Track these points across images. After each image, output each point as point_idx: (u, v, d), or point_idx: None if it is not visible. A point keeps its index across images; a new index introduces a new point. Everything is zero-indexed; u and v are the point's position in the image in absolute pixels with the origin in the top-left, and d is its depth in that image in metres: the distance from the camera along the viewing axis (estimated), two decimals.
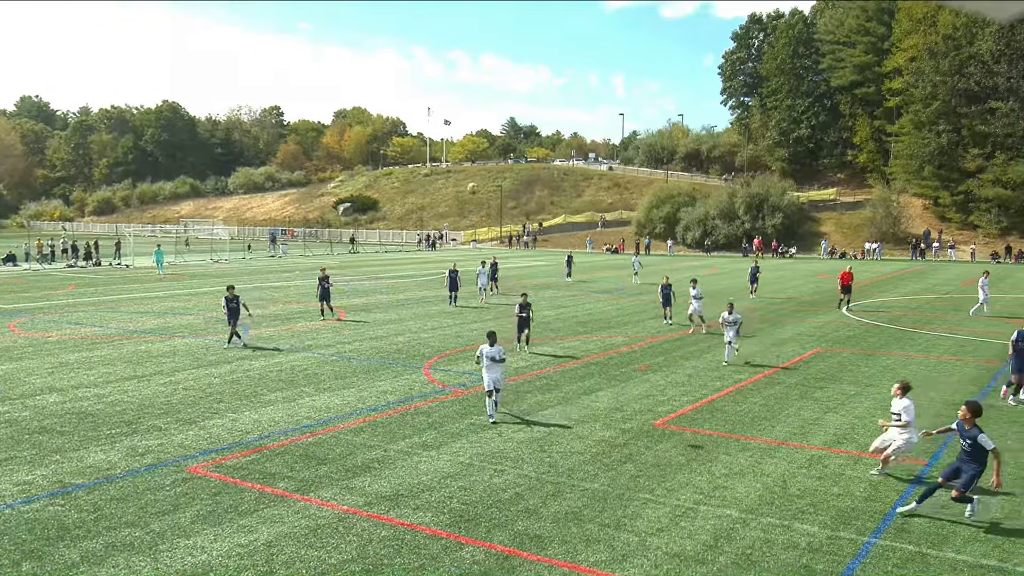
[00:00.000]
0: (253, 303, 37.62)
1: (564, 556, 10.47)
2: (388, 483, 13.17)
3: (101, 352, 24.98)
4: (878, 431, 16.24)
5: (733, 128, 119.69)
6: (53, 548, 10.66)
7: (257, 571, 10.02)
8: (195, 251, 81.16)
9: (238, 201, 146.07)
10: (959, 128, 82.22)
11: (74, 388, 20.03)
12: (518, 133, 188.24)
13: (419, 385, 20.49)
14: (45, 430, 16.23)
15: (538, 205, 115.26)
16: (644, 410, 17.99)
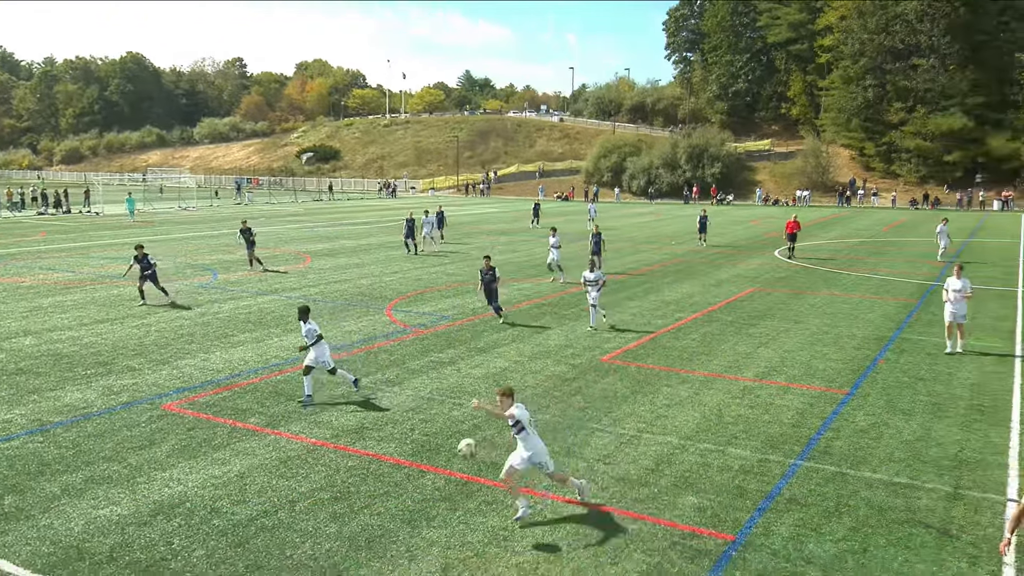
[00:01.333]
0: (221, 248, 37.00)
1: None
2: (354, 417, 13.20)
3: (74, 296, 24.43)
4: (807, 364, 16.70)
5: (676, 82, 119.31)
6: (34, 482, 10.54)
7: (231, 500, 10.03)
8: (164, 199, 79.23)
9: (204, 150, 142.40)
10: (884, 83, 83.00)
11: (48, 331, 19.61)
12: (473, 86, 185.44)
13: (382, 325, 20.45)
14: (22, 371, 15.92)
15: (493, 155, 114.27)
16: (592, 347, 18.19)
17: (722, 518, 9.63)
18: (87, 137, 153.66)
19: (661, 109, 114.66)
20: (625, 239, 43.38)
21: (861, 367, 16.53)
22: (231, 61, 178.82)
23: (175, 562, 8.53)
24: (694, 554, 8.77)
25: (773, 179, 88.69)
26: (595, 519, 9.57)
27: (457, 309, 22.52)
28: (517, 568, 8.44)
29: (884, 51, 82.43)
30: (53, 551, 8.73)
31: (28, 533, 9.13)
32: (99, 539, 9.00)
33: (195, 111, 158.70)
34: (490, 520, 9.52)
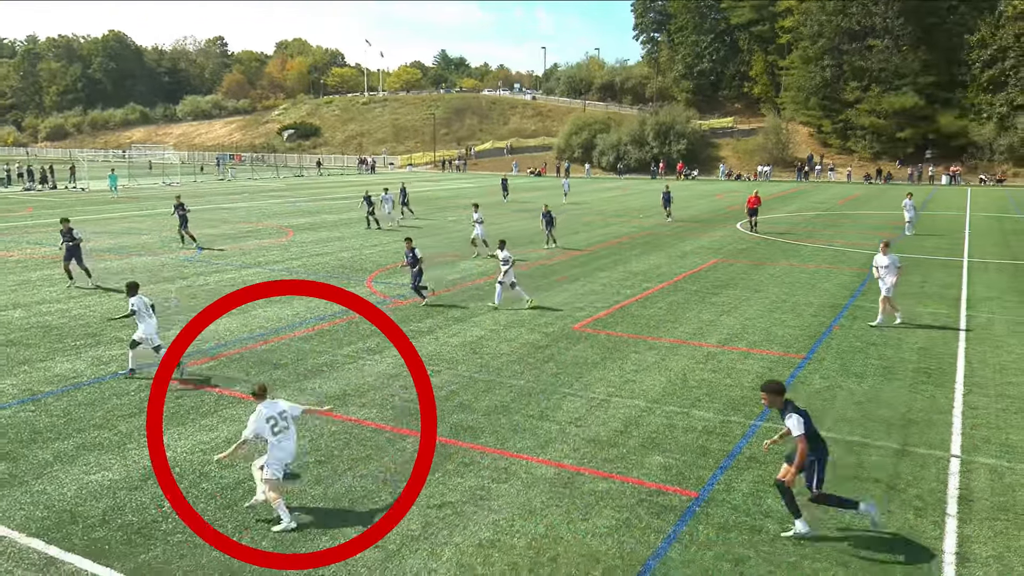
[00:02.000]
0: (206, 223, 36.53)
1: (495, 444, 10.72)
2: (336, 384, 13.19)
3: (61, 270, 24.02)
4: (767, 330, 16.91)
5: (644, 62, 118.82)
6: (27, 449, 10.44)
7: (219, 464, 10.00)
8: (149, 174, 77.88)
9: (187, 127, 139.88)
10: (841, 63, 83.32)
11: (37, 304, 19.31)
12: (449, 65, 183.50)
13: (363, 296, 20.36)
14: (12, 343, 15.68)
15: (468, 132, 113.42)
16: (564, 315, 18.27)
17: (686, 476, 9.78)
18: (71, 114, 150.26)
19: (630, 88, 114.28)
20: (595, 212, 43.42)
21: (817, 333, 16.76)
22: (212, 40, 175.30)
23: (166, 524, 8.51)
24: (660, 510, 8.91)
25: (736, 155, 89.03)
26: (567, 479, 9.68)
27: (435, 280, 22.46)
28: (494, 525, 8.53)
29: (841, 32, 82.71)
30: (47, 515, 8.68)
31: (22, 498, 9.06)
32: (91, 503, 8.96)
33: (177, 89, 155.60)
34: (467, 480, 9.59)
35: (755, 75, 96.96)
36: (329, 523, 8.55)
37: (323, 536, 8.28)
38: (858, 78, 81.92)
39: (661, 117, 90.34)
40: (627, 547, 8.12)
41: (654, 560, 7.90)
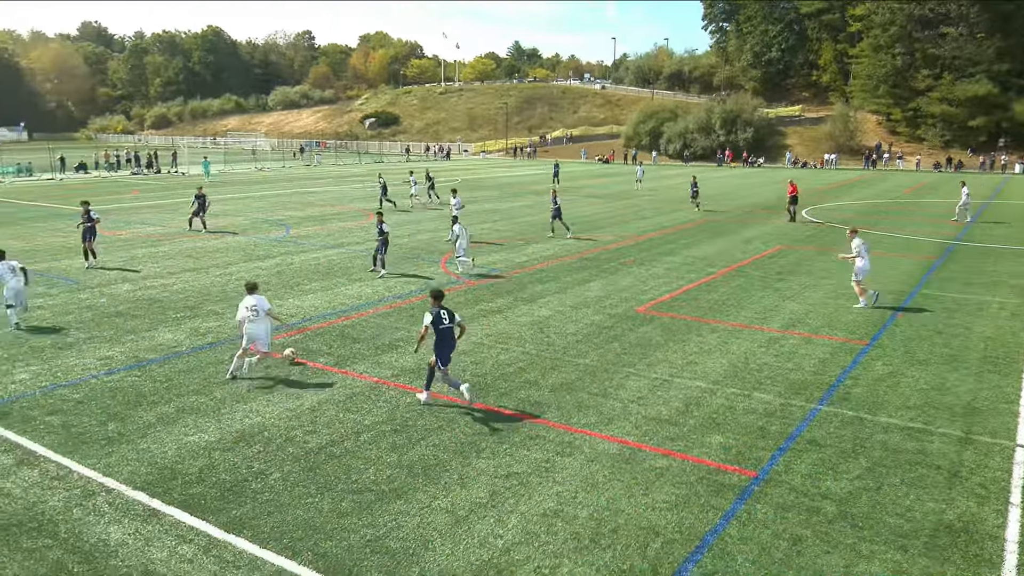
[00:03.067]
0: (293, 206, 37.46)
1: (559, 419, 10.74)
2: (411, 358, 13.39)
3: (164, 248, 25.05)
4: (830, 316, 16.43)
5: (712, 51, 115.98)
6: (133, 411, 10.96)
7: (304, 430, 10.31)
8: (241, 160, 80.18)
9: (277, 116, 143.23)
10: (913, 51, 79.58)
11: (143, 279, 20.17)
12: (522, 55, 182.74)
13: (437, 276, 20.59)
14: (120, 314, 16.44)
15: (539, 120, 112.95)
16: (629, 298, 18.11)
17: (746, 456, 9.62)
18: (173, 104, 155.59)
19: (698, 77, 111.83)
20: (662, 199, 42.80)
21: (881, 320, 16.19)
22: (301, 34, 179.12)
23: (255, 483, 8.83)
24: (719, 488, 8.80)
25: (803, 143, 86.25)
26: (629, 455, 9.64)
27: (506, 262, 22.56)
28: (557, 496, 8.57)
29: (914, 20, 78.94)
30: (150, 471, 9.11)
31: (128, 455, 9.53)
32: (189, 462, 9.36)
33: (269, 80, 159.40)
34: (533, 453, 9.65)
35: (824, 64, 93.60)
36: (403, 489, 8.73)
37: (398, 501, 8.46)
38: (930, 66, 78.17)
39: (728, 106, 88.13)
40: (686, 522, 8.05)
41: (712, 535, 7.81)
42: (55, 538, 7.68)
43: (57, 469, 9.14)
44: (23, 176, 58.20)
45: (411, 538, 7.72)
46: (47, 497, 8.48)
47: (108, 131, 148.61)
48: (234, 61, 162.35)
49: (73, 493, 8.57)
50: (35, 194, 44.27)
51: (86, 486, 8.73)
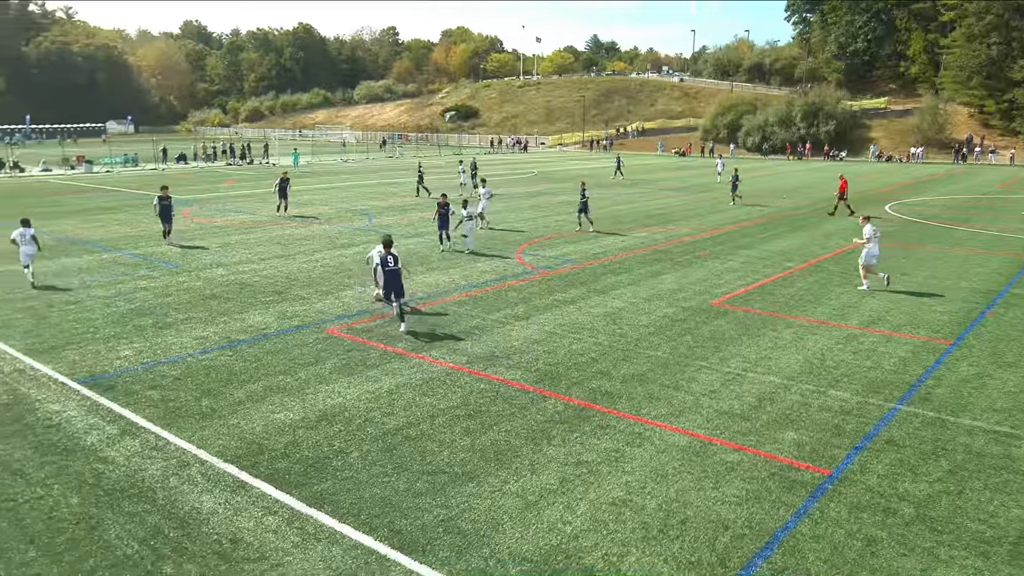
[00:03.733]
0: (376, 196, 38.21)
1: (630, 410, 10.65)
2: (486, 346, 13.51)
3: (255, 235, 25.95)
4: (912, 314, 15.74)
5: (795, 43, 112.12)
6: (224, 388, 11.43)
7: (382, 412, 10.54)
8: (327, 151, 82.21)
9: (362, 110, 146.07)
10: (1009, 40, 74.92)
11: (236, 264, 20.96)
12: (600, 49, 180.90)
13: (512, 267, 20.68)
14: (215, 296, 17.14)
15: (616, 113, 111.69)
16: (703, 291, 17.78)
17: (820, 454, 9.33)
18: (266, 99, 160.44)
19: (779, 69, 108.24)
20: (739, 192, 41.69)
21: (967, 319, 15.41)
22: (386, 30, 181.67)
23: (336, 461, 9.09)
24: (791, 484, 8.57)
25: (888, 136, 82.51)
26: (699, 448, 9.48)
27: (581, 253, 22.46)
28: (626, 486, 8.51)
29: (1011, 8, 74.31)
30: (239, 445, 9.49)
31: (220, 430, 9.94)
32: (276, 438, 9.70)
33: (355, 75, 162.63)
34: (603, 442, 9.60)
35: (912, 54, 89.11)
36: (475, 472, 8.83)
37: (470, 483, 8.56)
38: None
39: (810, 98, 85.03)
40: (756, 517, 7.88)
41: (783, 532, 7.62)
42: (153, 504, 8.10)
43: (156, 440, 9.63)
44: (129, 166, 61.21)
45: (482, 520, 7.81)
46: (147, 466, 8.94)
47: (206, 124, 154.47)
48: (322, 57, 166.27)
49: (170, 463, 9.01)
50: (140, 182, 46.51)
51: (181, 457, 9.16)
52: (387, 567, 7.04)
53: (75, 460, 9.07)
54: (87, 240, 24.75)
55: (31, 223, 18.73)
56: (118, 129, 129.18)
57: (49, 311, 15.76)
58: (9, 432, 9.85)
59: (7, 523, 7.72)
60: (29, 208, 32.65)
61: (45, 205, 34.19)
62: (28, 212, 30.15)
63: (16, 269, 19.42)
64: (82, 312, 15.69)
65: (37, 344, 13.49)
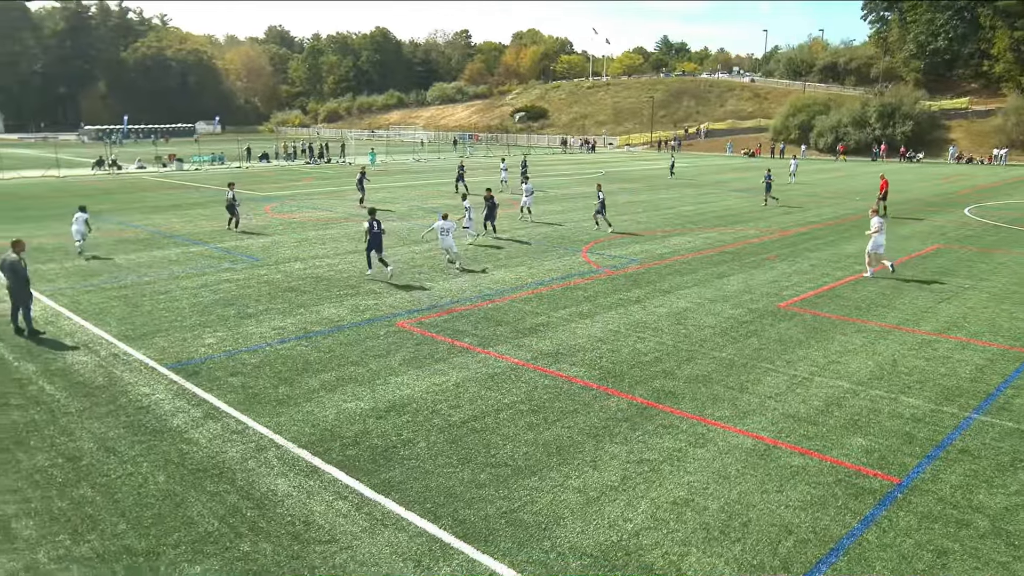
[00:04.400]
0: (445, 194, 38.60)
1: (693, 410, 10.48)
2: (550, 343, 13.51)
3: (332, 231, 26.58)
4: (991, 321, 15.00)
5: (871, 42, 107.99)
6: (300, 377, 11.75)
7: (448, 404, 10.66)
8: (401, 151, 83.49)
9: (434, 111, 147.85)
10: None
11: (313, 258, 21.51)
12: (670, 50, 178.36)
13: (578, 265, 20.60)
14: (292, 289, 17.64)
15: (685, 114, 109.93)
16: (770, 293, 17.34)
17: (889, 461, 8.99)
18: (343, 100, 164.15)
19: (853, 69, 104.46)
20: (808, 194, 40.54)
21: None
22: (459, 32, 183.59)
23: (403, 450, 9.24)
24: (858, 491, 8.28)
25: (968, 137, 78.65)
26: (763, 450, 9.26)
27: (646, 253, 22.21)
28: (688, 486, 8.38)
29: None
30: (313, 432, 9.74)
31: (295, 416, 10.24)
32: (347, 426, 9.92)
33: (428, 77, 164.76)
34: (666, 442, 9.48)
35: (997, 53, 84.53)
36: (537, 466, 8.84)
37: (532, 477, 8.58)
38: None
39: (886, 98, 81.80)
40: (821, 523, 7.64)
41: (849, 539, 7.37)
42: (232, 484, 8.39)
43: (236, 424, 9.98)
44: (216, 164, 63.54)
45: (544, 513, 7.82)
46: (227, 448, 9.27)
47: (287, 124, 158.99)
48: (397, 59, 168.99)
49: (248, 447, 9.32)
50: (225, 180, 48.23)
51: (259, 441, 9.47)
52: (450, 555, 7.12)
53: (162, 440, 9.49)
54: (176, 234, 25.82)
55: (87, 209, 22.52)
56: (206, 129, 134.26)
57: (141, 300, 16.51)
58: (104, 412, 10.37)
59: (101, 496, 8.14)
60: (125, 203, 34.27)
61: (139, 200, 35.80)
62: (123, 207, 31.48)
63: (111, 259, 20.45)
64: (171, 302, 16.39)
65: (130, 331, 14.15)
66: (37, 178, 49.67)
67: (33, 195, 38.85)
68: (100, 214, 30.53)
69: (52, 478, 8.53)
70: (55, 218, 29.42)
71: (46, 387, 11.31)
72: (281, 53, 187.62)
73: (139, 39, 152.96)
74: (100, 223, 27.46)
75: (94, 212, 30.89)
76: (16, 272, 13.58)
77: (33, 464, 8.85)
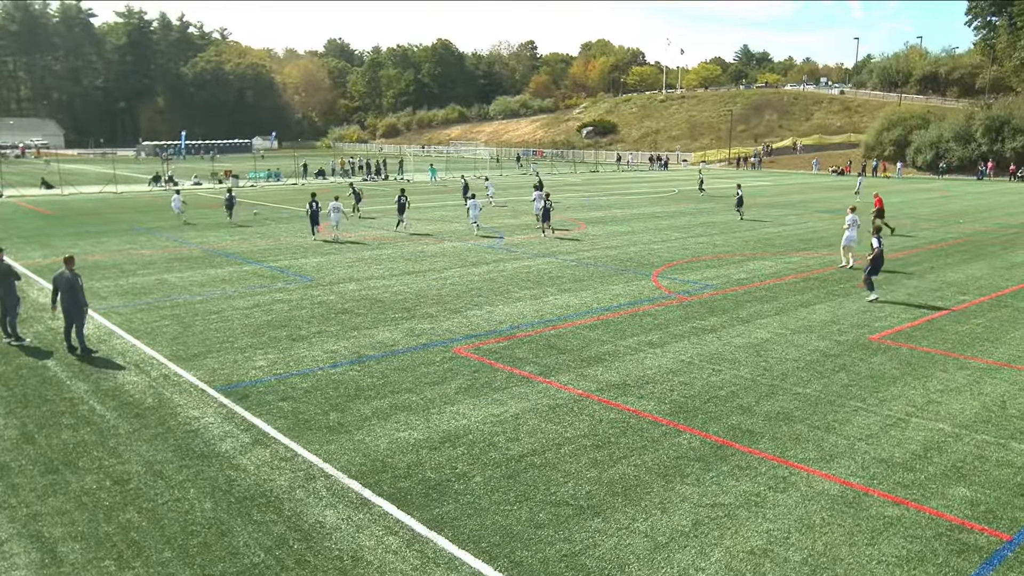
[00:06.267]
0: (507, 213, 38.89)
1: (773, 451, 10.20)
2: (617, 373, 13.38)
3: (387, 251, 27.05)
4: None
5: (976, 49, 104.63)
6: (351, 403, 11.93)
7: (506, 436, 10.64)
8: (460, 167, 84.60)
9: (497, 125, 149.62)
10: None
11: (367, 279, 21.92)
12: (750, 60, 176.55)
13: (647, 290, 20.41)
14: (346, 311, 17.99)
15: (767, 128, 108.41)
16: (860, 324, 16.81)
17: (998, 515, 8.54)
18: (403, 114, 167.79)
19: (956, 79, 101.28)
20: (904, 215, 39.28)
21: None
22: (524, 44, 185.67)
23: (457, 484, 9.25)
24: (962, 548, 7.88)
25: None
26: (853, 498, 8.92)
27: (723, 278, 21.86)
28: (767, 534, 8.13)
29: None
30: (364, 462, 9.86)
31: (346, 445, 10.38)
32: (399, 456, 10.01)
33: (491, 90, 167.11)
34: (743, 484, 9.24)
35: None
36: (601, 506, 8.72)
37: (595, 518, 8.47)
38: None
39: (994, 111, 78.86)
40: None
41: None
42: (280, 514, 8.55)
43: (285, 451, 10.18)
44: (272, 180, 65.61)
45: (607, 558, 7.69)
46: (275, 476, 9.46)
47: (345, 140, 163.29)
48: (459, 72, 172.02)
49: (297, 475, 9.49)
50: (280, 197, 49.72)
51: (308, 470, 9.63)
52: None
53: (210, 466, 9.74)
54: (230, 252, 26.70)
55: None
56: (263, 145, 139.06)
57: (193, 320, 17.09)
58: (153, 435, 10.72)
59: (148, 522, 8.39)
60: (179, 220, 35.65)
61: (194, 217, 37.20)
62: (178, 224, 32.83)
63: (165, 278, 21.28)
64: (222, 322, 16.90)
65: (181, 351, 14.64)
66: (95, 194, 52.21)
67: (91, 211, 40.84)
68: (154, 230, 31.85)
69: (99, 501, 8.84)
70: (112, 234, 30.83)
71: (97, 407, 11.78)
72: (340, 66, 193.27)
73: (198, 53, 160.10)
74: (155, 240, 28.60)
75: (150, 228, 32.26)
76: (73, 289, 14.24)
77: (81, 486, 9.21)
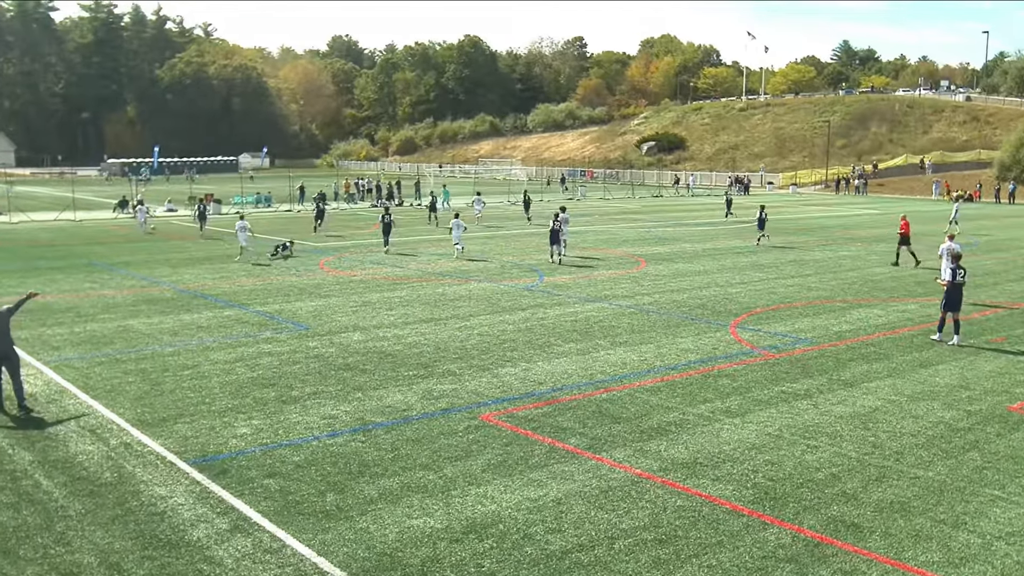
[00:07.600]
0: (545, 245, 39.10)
1: (887, 551, 9.95)
2: (686, 449, 13.22)
3: (400, 293, 27.28)
4: None
5: None
6: (354, 482, 11.93)
7: (546, 527, 10.54)
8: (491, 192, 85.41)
9: (537, 140, 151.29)
10: None
11: (375, 328, 22.08)
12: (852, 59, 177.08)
13: (724, 344, 20.26)
14: (349, 367, 18.10)
15: (873, 143, 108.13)
16: (997, 390, 16.46)
17: None
18: (421, 127, 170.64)
19: None
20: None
21: None
22: (571, 41, 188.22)
23: None
24: None
25: None
26: None
27: (820, 330, 21.63)
28: None
29: None
30: (368, 556, 9.81)
31: (346, 534, 10.36)
32: (412, 550, 9.95)
33: (530, 97, 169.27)
34: None
35: None
36: None
37: None
38: None
39: None
40: None
41: None
42: None
43: (271, 541, 10.18)
44: (262, 207, 66.78)
45: None
46: (258, 572, 9.45)
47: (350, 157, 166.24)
48: (491, 75, 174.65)
49: (285, 571, 9.47)
50: (271, 227, 50.54)
51: (299, 564, 9.61)
52: None
53: (179, 558, 9.77)
54: (209, 293, 27.14)
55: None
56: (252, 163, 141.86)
57: (163, 376, 17.33)
58: (110, 517, 10.81)
59: None
60: (150, 254, 36.36)
61: (167, 251, 37.94)
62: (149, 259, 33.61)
63: (130, 324, 21.64)
64: (198, 379, 17.11)
65: (147, 414, 14.83)
66: (50, 222, 53.65)
67: (44, 242, 41.92)
68: (118, 267, 32.52)
69: None
70: (68, 270, 31.55)
71: (43, 482, 11.93)
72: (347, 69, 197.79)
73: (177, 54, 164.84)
74: (118, 277, 29.19)
75: (113, 263, 32.99)
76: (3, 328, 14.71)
77: None
